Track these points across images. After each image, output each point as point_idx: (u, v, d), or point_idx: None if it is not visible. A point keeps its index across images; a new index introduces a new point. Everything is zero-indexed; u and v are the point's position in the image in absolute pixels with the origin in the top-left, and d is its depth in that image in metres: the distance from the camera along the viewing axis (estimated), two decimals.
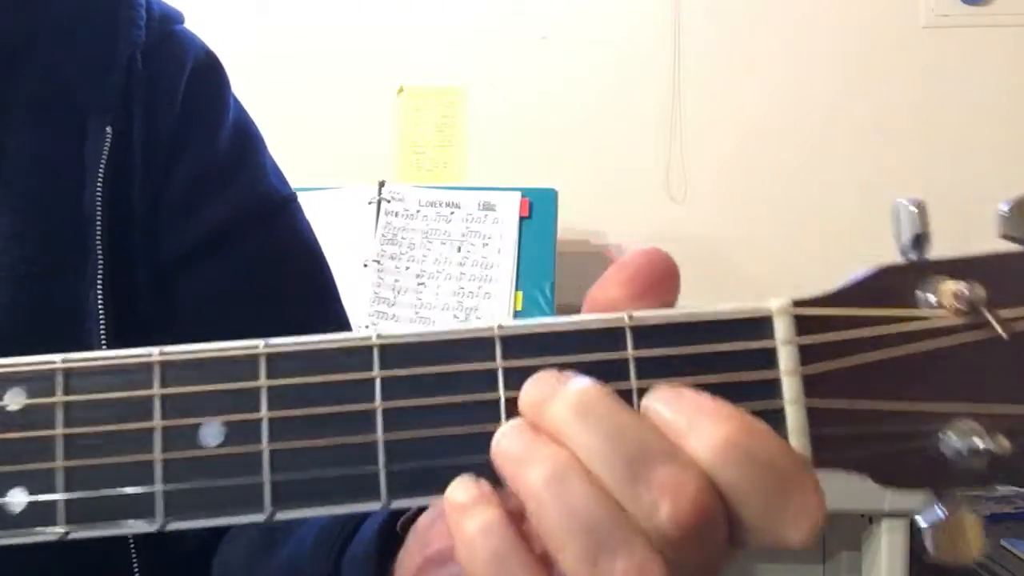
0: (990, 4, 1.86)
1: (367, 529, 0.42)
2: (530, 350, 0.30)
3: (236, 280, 0.57)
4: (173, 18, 0.60)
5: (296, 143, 1.81)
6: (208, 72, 0.60)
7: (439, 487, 0.29)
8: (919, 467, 0.29)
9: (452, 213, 1.65)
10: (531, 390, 0.29)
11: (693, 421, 0.28)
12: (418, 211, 1.66)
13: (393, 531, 0.40)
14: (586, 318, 0.30)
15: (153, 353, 0.30)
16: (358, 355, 0.30)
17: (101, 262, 0.51)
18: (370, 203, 1.67)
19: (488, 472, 0.29)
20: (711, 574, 0.28)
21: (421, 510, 0.39)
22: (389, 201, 1.66)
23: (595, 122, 1.90)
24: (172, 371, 0.30)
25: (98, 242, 0.51)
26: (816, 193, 1.85)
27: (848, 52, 1.88)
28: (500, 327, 0.30)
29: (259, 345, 0.30)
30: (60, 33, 0.55)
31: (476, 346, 0.30)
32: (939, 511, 0.29)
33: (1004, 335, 0.29)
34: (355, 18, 1.93)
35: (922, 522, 0.29)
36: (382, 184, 1.68)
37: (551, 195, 1.65)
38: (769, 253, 1.84)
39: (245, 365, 0.30)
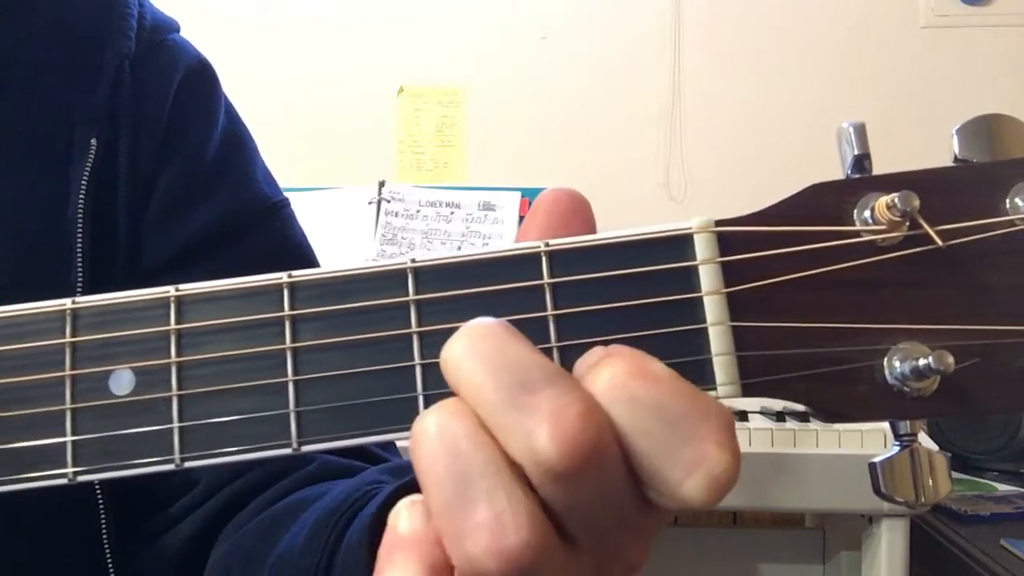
0: (990, 4, 1.86)
1: (363, 516, 0.42)
2: (444, 283, 0.29)
3: None
4: (166, 27, 0.60)
5: (296, 143, 1.82)
6: (198, 81, 0.59)
7: (351, 430, 0.29)
8: (864, 396, 0.28)
9: (452, 213, 1.65)
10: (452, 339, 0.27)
11: (595, 364, 0.26)
12: (418, 211, 1.66)
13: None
14: (502, 247, 0.29)
15: (66, 303, 0.30)
16: (268, 296, 0.30)
17: (82, 273, 0.51)
18: (370, 203, 1.67)
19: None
20: (623, 533, 0.26)
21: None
22: (389, 201, 1.66)
23: (595, 122, 1.90)
24: (83, 320, 0.30)
25: (79, 253, 0.51)
26: None
27: (848, 52, 1.88)
28: (413, 261, 0.29)
29: (170, 290, 0.30)
30: (47, 43, 0.55)
31: (390, 280, 0.29)
32: (895, 447, 0.28)
33: (940, 243, 0.28)
34: (355, 18, 1.94)
35: (875, 459, 0.28)
36: (382, 184, 1.69)
37: None
38: None
39: (156, 311, 0.30)
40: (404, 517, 0.27)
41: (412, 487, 0.40)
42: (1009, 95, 1.83)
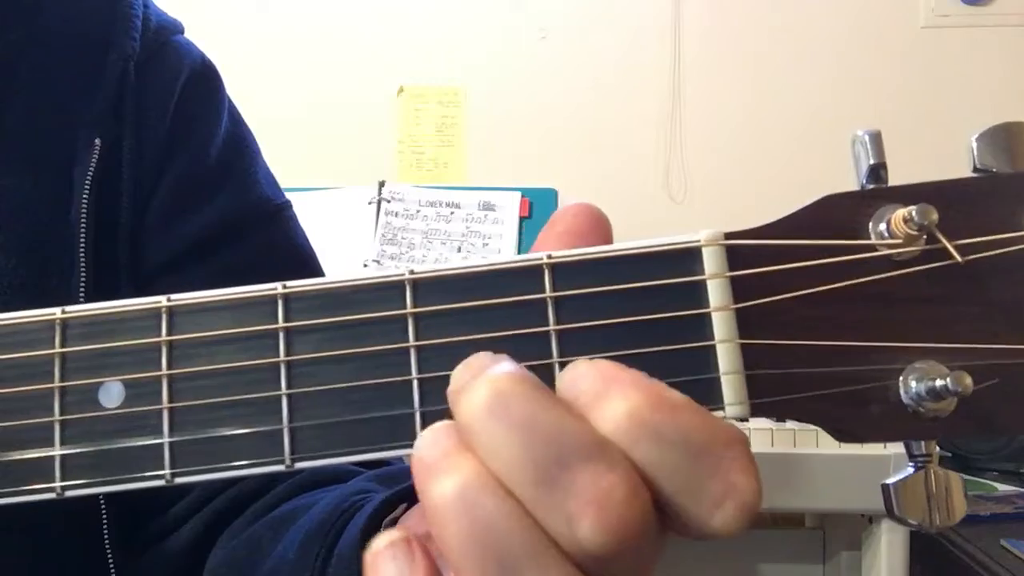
0: (990, 4, 1.86)
1: (353, 527, 0.41)
2: (443, 295, 0.28)
3: (223, 287, 0.56)
4: (170, 29, 0.60)
5: (296, 143, 1.82)
6: (202, 82, 0.59)
7: (346, 447, 0.28)
8: (878, 417, 0.26)
9: (452, 213, 1.65)
10: (456, 375, 0.26)
11: (602, 392, 0.25)
12: (418, 211, 1.66)
13: (379, 529, 0.39)
14: (504, 259, 0.28)
15: (55, 313, 0.30)
16: (262, 307, 0.29)
17: (84, 273, 0.51)
18: (370, 203, 1.67)
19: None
20: (646, 570, 0.25)
21: (410, 506, 0.38)
22: (389, 201, 1.66)
23: (595, 122, 1.90)
24: (73, 330, 0.30)
25: (82, 254, 0.51)
26: (816, 193, 1.84)
27: (848, 52, 1.88)
28: (411, 272, 0.28)
29: (162, 300, 0.29)
30: (52, 43, 0.55)
31: (387, 292, 0.28)
32: (910, 468, 0.27)
33: (959, 258, 0.26)
34: (355, 18, 1.93)
35: (889, 480, 0.27)
36: (382, 184, 1.68)
37: (551, 195, 1.65)
38: None
39: (147, 322, 0.29)
40: None
41: (400, 498, 0.40)
42: (1009, 95, 1.82)
